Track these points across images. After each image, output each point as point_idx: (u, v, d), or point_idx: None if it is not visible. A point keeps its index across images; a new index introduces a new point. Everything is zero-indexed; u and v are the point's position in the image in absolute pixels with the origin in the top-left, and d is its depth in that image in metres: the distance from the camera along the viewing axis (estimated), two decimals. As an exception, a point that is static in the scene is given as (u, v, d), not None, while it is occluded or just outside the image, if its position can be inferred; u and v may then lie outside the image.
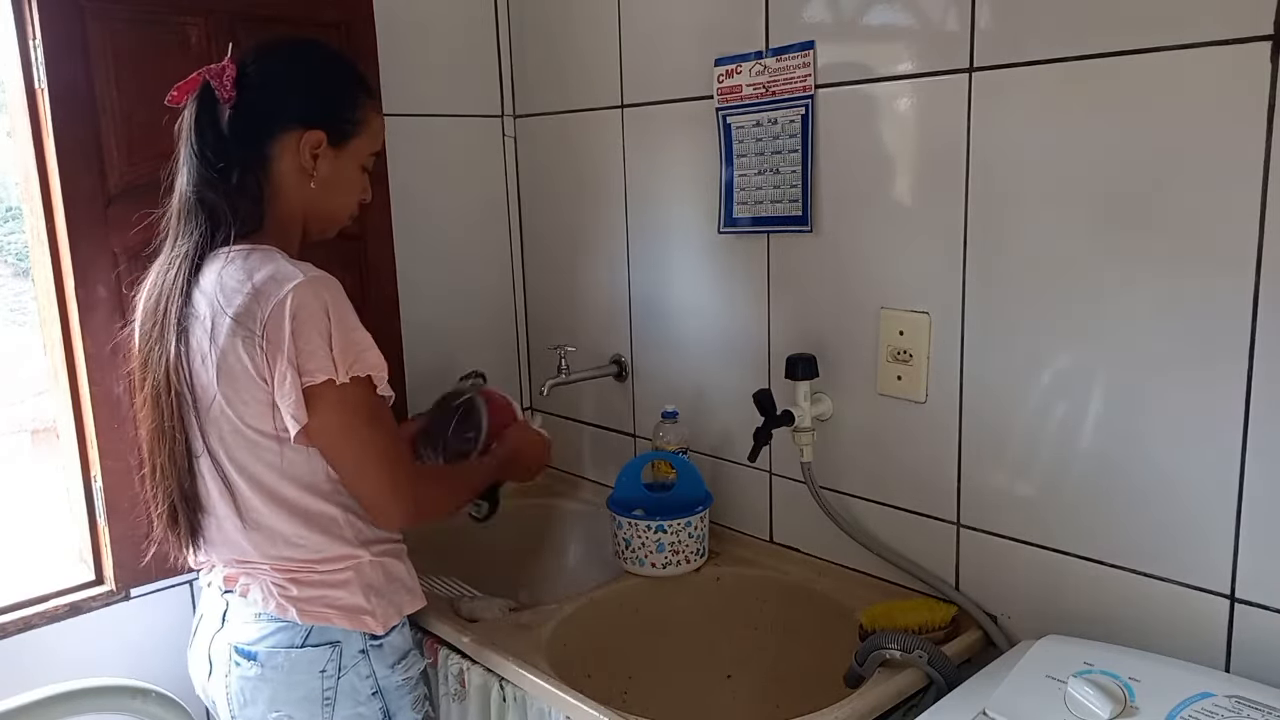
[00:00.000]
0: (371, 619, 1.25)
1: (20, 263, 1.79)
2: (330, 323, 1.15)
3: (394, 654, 1.30)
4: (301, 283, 1.15)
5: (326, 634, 1.24)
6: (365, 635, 1.26)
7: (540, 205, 2.03)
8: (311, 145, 1.23)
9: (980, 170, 1.28)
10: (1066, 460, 1.25)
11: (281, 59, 1.25)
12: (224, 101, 1.20)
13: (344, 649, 1.25)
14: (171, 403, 1.19)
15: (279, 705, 1.24)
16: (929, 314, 1.37)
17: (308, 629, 1.23)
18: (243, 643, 1.24)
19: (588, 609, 1.48)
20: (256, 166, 1.22)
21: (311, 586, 1.24)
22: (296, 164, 1.23)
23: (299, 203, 1.26)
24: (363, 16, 1.73)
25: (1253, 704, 0.98)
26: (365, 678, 1.27)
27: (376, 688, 1.28)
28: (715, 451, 1.73)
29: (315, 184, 1.25)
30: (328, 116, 1.24)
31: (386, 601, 1.28)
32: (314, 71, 1.27)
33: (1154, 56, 1.09)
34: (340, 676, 1.24)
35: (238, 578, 1.27)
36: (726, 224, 1.61)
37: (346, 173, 1.28)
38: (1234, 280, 1.07)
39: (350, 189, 1.30)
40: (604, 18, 1.76)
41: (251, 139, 1.21)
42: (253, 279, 1.15)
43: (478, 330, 2.04)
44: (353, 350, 1.16)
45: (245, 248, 1.20)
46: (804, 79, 1.45)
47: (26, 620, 1.50)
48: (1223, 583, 1.13)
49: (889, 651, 1.22)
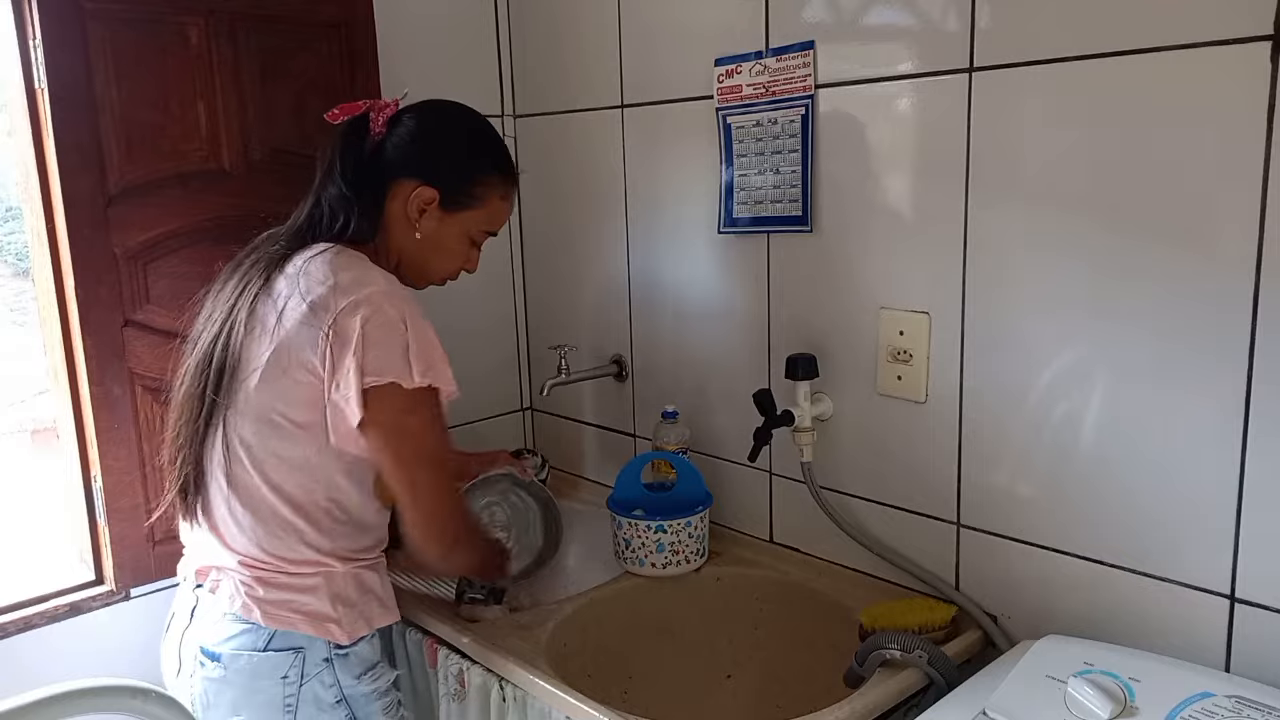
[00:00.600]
0: (337, 628, 1.24)
1: (20, 263, 1.79)
2: (407, 331, 1.18)
3: (360, 664, 1.28)
4: (381, 290, 1.19)
5: (290, 639, 1.22)
6: (330, 643, 1.24)
7: (540, 205, 2.03)
8: (422, 200, 1.28)
9: (980, 170, 1.28)
10: (1066, 460, 1.25)
11: (434, 114, 1.33)
12: (374, 134, 1.28)
13: (307, 655, 1.23)
14: (210, 373, 1.22)
15: (240, 709, 1.22)
16: (929, 314, 1.37)
17: (271, 633, 1.21)
18: (208, 643, 1.23)
19: (588, 609, 1.48)
20: (376, 199, 1.28)
21: (278, 589, 1.22)
22: (404, 212, 1.28)
23: (398, 245, 1.31)
24: (363, 16, 1.73)
25: (1253, 704, 0.98)
26: (329, 686, 1.25)
27: (340, 696, 1.26)
28: (715, 451, 1.73)
29: (419, 236, 1.30)
30: (446, 179, 1.29)
31: (355, 612, 1.26)
32: (454, 135, 1.33)
33: (1154, 56, 1.09)
34: (303, 684, 1.22)
35: (209, 571, 1.27)
36: (726, 224, 1.61)
37: (450, 239, 1.33)
38: (1234, 280, 1.07)
39: (451, 255, 1.35)
40: (604, 18, 1.76)
41: (379, 174, 1.28)
42: (337, 275, 1.20)
43: (478, 330, 2.04)
44: (426, 359, 1.19)
45: (340, 246, 1.25)
46: (804, 79, 1.45)
47: (27, 620, 1.50)
48: (1223, 583, 1.13)
49: (889, 651, 1.22)
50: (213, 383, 1.22)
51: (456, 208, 1.31)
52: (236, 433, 1.22)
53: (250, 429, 1.21)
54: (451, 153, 1.31)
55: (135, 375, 1.52)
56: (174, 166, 1.52)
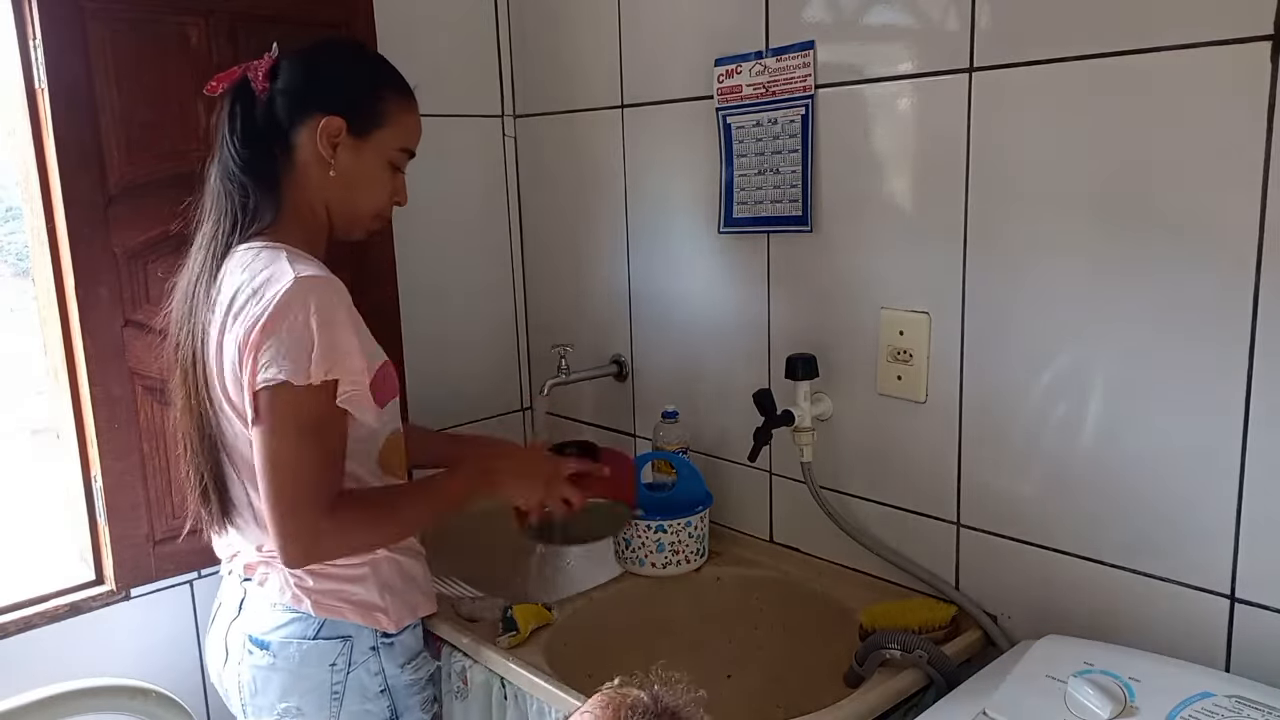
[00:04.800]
0: (385, 616, 1.27)
1: (20, 263, 1.79)
2: (314, 323, 1.12)
3: (405, 653, 1.31)
4: (292, 285, 1.13)
5: (339, 628, 1.25)
6: (377, 632, 1.27)
7: (540, 205, 2.02)
8: (330, 132, 1.22)
9: (980, 170, 1.28)
10: (1066, 460, 1.25)
11: (311, 53, 1.27)
12: (258, 93, 1.22)
13: (355, 644, 1.26)
14: (198, 380, 1.21)
15: (288, 696, 1.25)
16: (929, 314, 1.37)
17: (321, 621, 1.24)
18: (257, 632, 1.26)
19: (588, 609, 1.48)
20: (279, 156, 1.23)
21: (328, 580, 1.25)
22: (316, 153, 1.23)
23: (320, 195, 1.25)
24: (363, 16, 1.73)
25: (1253, 704, 0.98)
26: (374, 674, 1.28)
27: (385, 685, 1.29)
28: (715, 451, 1.73)
29: (335, 173, 1.23)
30: (348, 105, 1.23)
31: (401, 601, 1.29)
32: (338, 63, 1.27)
33: (1154, 56, 1.09)
34: (350, 671, 1.25)
35: (257, 566, 1.28)
36: (726, 224, 1.61)
37: (370, 167, 1.26)
38: (1234, 280, 1.07)
39: (374, 185, 1.28)
40: (604, 18, 1.76)
41: (276, 128, 1.23)
42: (254, 280, 1.16)
43: (478, 330, 2.04)
44: (333, 354, 1.13)
45: (259, 245, 1.21)
46: (804, 79, 1.45)
47: (27, 620, 1.50)
48: (1223, 583, 1.13)
49: (889, 651, 1.22)
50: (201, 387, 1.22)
51: (366, 131, 1.24)
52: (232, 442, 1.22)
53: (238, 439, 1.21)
54: (345, 77, 1.26)
55: (135, 375, 1.52)
56: (174, 166, 1.52)
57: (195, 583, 1.65)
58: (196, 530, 1.33)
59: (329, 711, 1.26)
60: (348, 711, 1.27)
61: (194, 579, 1.65)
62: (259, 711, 1.28)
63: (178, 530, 1.58)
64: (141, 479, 1.54)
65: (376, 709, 1.29)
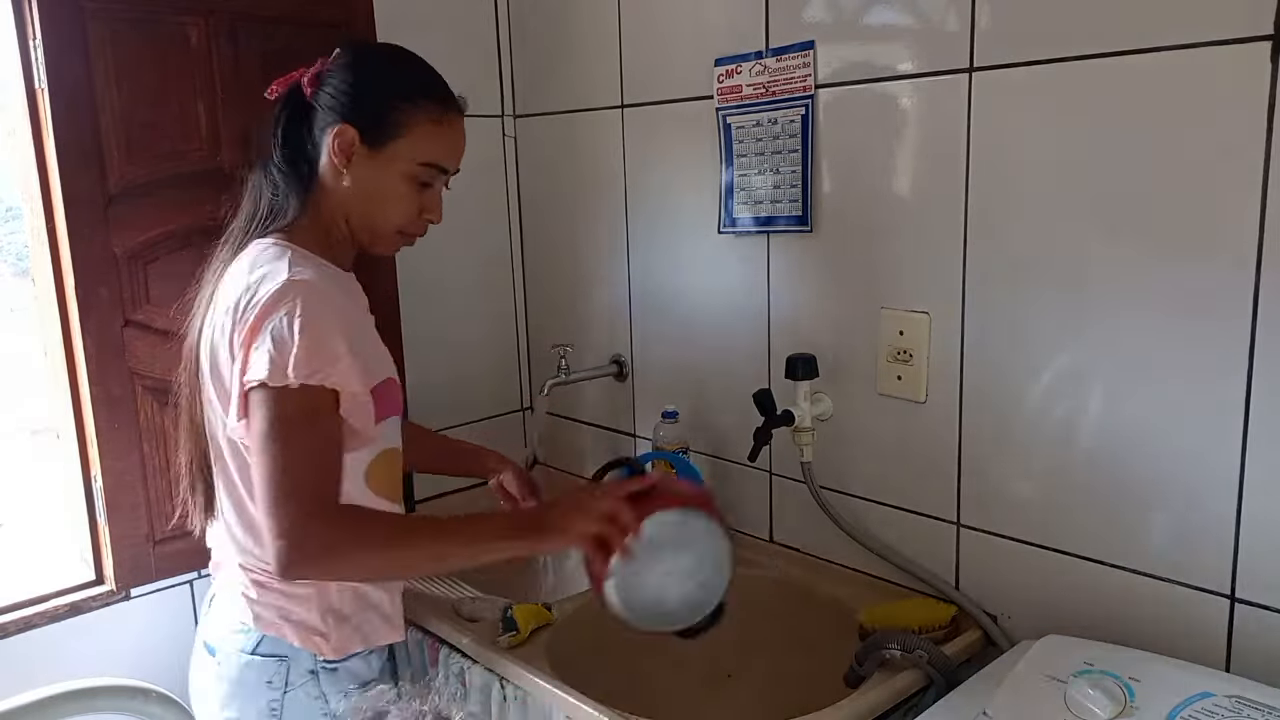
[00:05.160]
0: (324, 642, 1.20)
1: (20, 263, 1.79)
2: (295, 325, 1.07)
3: (352, 679, 1.23)
4: (284, 284, 1.10)
5: (277, 645, 1.19)
6: (315, 656, 1.20)
7: (540, 205, 2.02)
8: (343, 142, 1.17)
9: (980, 170, 1.28)
10: (1066, 460, 1.25)
11: (352, 58, 1.22)
12: (307, 96, 1.19)
13: (291, 665, 1.20)
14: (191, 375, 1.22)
15: (228, 706, 1.21)
16: (929, 314, 1.37)
17: (260, 636, 1.19)
18: (210, 638, 1.24)
19: (588, 609, 1.48)
20: (308, 160, 1.20)
21: (271, 594, 1.19)
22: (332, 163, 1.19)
23: (340, 206, 1.21)
24: (363, 16, 1.73)
25: (1253, 704, 0.98)
26: (314, 698, 1.21)
27: (328, 710, 1.22)
28: (715, 451, 1.73)
29: (349, 184, 1.19)
30: (363, 114, 1.17)
31: (349, 627, 1.22)
32: (366, 71, 1.21)
33: (1154, 56, 1.09)
34: (287, 691, 1.20)
35: (221, 567, 1.27)
36: (727, 224, 1.61)
37: (388, 179, 1.19)
38: (1234, 280, 1.07)
39: (395, 200, 1.21)
40: (604, 18, 1.76)
41: (307, 133, 1.20)
42: (251, 274, 1.14)
43: (478, 330, 2.04)
44: (315, 359, 1.07)
45: (268, 241, 1.18)
46: (804, 79, 1.45)
47: (27, 620, 1.50)
48: (1223, 583, 1.13)
49: (889, 651, 1.22)
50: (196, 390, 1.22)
51: (380, 142, 1.18)
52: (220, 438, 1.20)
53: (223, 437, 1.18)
54: (365, 84, 1.19)
55: (135, 375, 1.52)
56: (174, 166, 1.52)
57: (195, 583, 1.65)
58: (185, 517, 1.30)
59: None
60: None
61: (194, 579, 1.65)
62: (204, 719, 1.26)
63: (178, 530, 1.58)
64: (141, 479, 1.54)
65: None
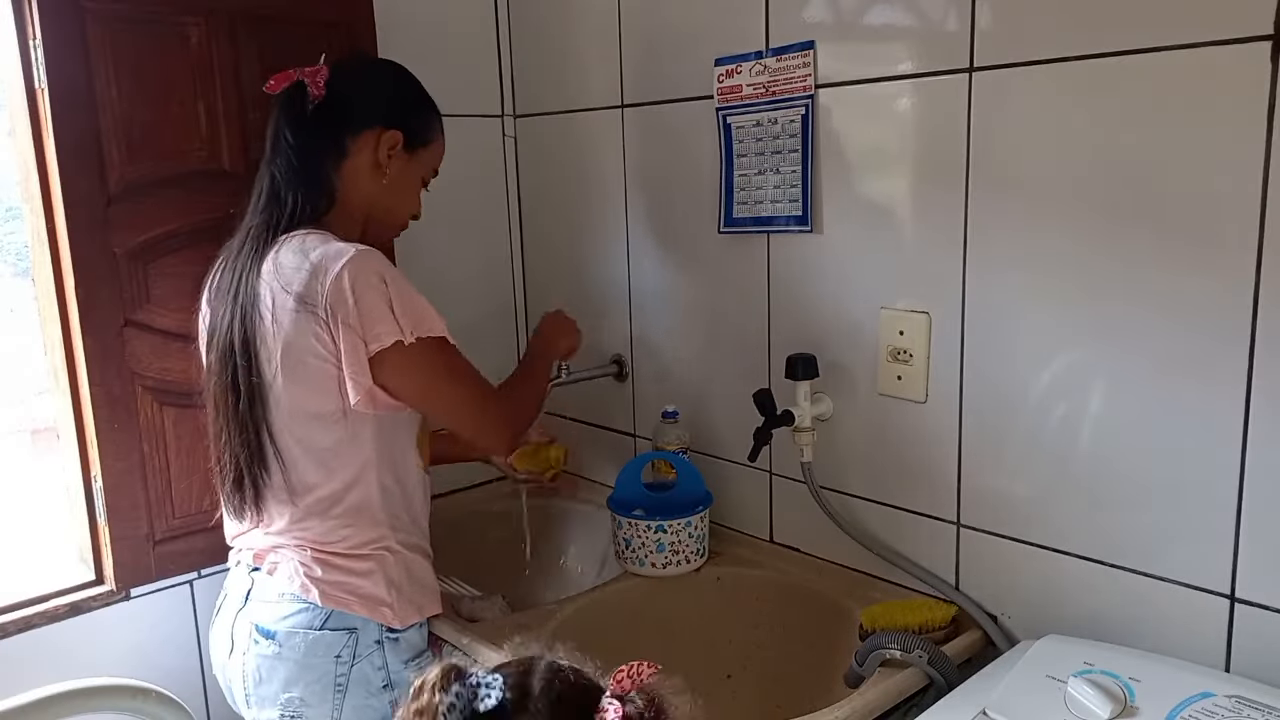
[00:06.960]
0: (390, 611, 1.29)
1: (20, 263, 1.79)
2: (389, 289, 1.22)
3: (409, 650, 1.33)
4: (355, 255, 1.22)
5: (345, 619, 1.27)
6: (382, 626, 1.29)
7: (540, 205, 2.02)
8: (390, 144, 1.34)
9: (980, 170, 1.28)
10: (1066, 460, 1.25)
11: (371, 68, 1.44)
12: (314, 99, 1.30)
13: (360, 636, 1.27)
14: (236, 366, 1.25)
15: (292, 686, 1.26)
16: (929, 314, 1.37)
17: (328, 612, 1.26)
18: (264, 621, 1.28)
19: (588, 609, 1.48)
20: (333, 159, 1.32)
21: (336, 571, 1.27)
22: (372, 160, 1.33)
23: (365, 199, 1.35)
24: (363, 16, 1.73)
25: (1253, 704, 0.98)
26: (378, 669, 1.29)
27: (388, 680, 1.30)
28: (715, 451, 1.73)
29: (386, 180, 1.35)
30: (408, 121, 1.36)
31: (406, 599, 1.32)
32: (401, 83, 1.40)
33: (1154, 56, 1.09)
34: (354, 664, 1.27)
35: (267, 554, 1.31)
36: (726, 224, 1.61)
37: (412, 179, 1.40)
38: (1234, 280, 1.07)
39: (410, 197, 1.42)
40: (604, 18, 1.76)
41: (334, 133, 1.32)
42: (309, 257, 1.22)
43: (478, 329, 2.04)
44: (414, 313, 1.24)
45: (302, 232, 1.27)
46: (804, 79, 1.45)
47: (27, 620, 1.50)
48: (1223, 583, 1.13)
49: (889, 651, 1.22)
50: (243, 369, 1.25)
51: (415, 148, 1.38)
52: (276, 423, 1.25)
53: (285, 421, 1.25)
54: (407, 96, 1.39)
55: (135, 375, 1.52)
56: (174, 166, 1.52)
57: (195, 583, 1.65)
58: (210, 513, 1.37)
59: (331, 704, 1.27)
60: (350, 705, 1.27)
61: (194, 579, 1.65)
62: (262, 702, 1.29)
63: (178, 530, 1.59)
64: (141, 479, 1.54)
65: (379, 704, 1.30)
